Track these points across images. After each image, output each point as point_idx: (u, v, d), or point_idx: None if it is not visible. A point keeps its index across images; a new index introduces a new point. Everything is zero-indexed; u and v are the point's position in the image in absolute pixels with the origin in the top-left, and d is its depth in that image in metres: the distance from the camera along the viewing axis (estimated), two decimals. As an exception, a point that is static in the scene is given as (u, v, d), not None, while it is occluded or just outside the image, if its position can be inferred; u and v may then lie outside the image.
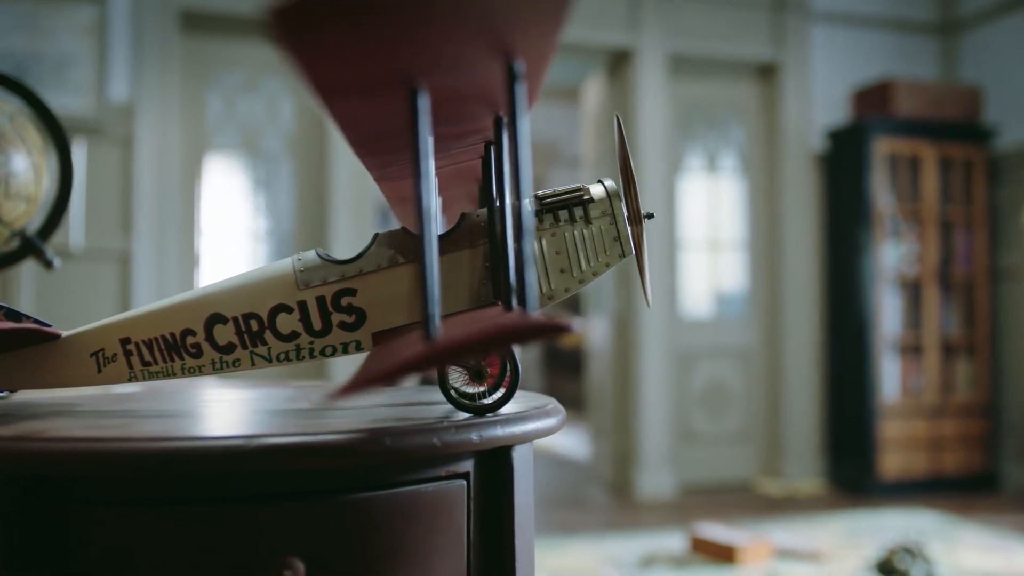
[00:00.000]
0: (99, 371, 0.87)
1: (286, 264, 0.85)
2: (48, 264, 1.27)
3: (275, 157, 4.62)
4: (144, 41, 4.28)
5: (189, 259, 4.41)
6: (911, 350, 5.03)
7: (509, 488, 0.73)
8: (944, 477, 4.93)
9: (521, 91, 0.56)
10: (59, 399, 0.99)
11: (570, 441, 7.08)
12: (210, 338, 0.84)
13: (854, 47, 5.45)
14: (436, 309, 0.59)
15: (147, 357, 0.86)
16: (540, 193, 0.87)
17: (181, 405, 0.94)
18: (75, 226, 4.12)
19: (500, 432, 0.70)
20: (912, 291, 5.06)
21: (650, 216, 0.89)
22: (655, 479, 4.94)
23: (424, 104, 0.56)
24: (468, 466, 0.73)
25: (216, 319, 0.83)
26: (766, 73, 5.37)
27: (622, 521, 4.33)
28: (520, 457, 0.74)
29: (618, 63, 5.18)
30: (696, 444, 5.20)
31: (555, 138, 10.16)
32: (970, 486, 4.96)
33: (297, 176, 4.62)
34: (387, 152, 0.71)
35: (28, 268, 3.89)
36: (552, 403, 0.83)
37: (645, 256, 0.88)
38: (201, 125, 4.49)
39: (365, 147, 0.70)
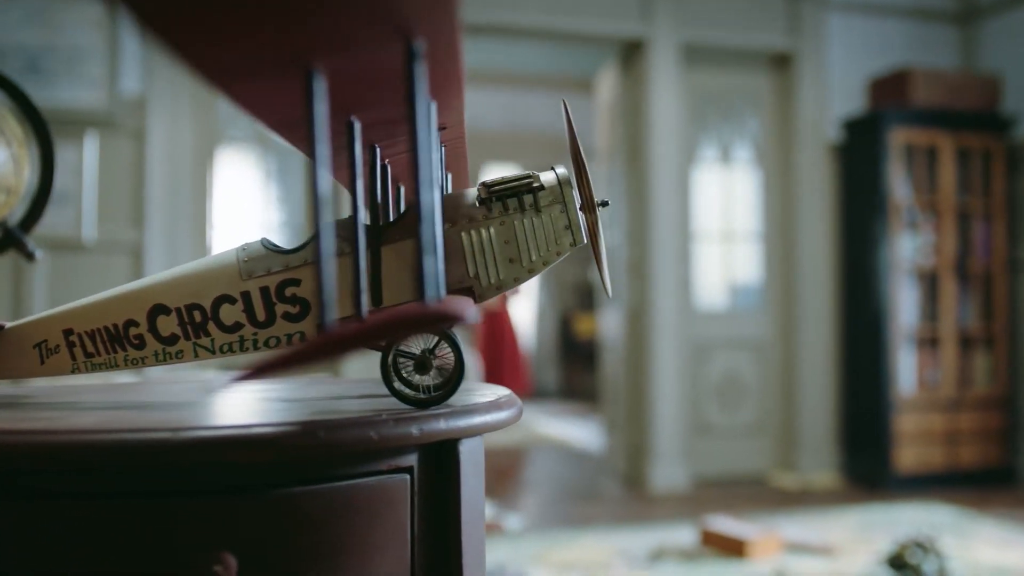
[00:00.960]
0: (42, 363, 0.86)
1: (230, 254, 0.83)
2: (30, 256, 1.27)
3: (287, 149, 4.62)
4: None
5: (201, 251, 4.43)
6: (928, 342, 4.98)
7: (456, 483, 0.71)
8: (960, 471, 4.87)
9: (420, 71, 0.55)
10: (14, 392, 0.98)
11: (585, 433, 7.07)
12: (153, 329, 0.83)
13: (871, 36, 5.39)
14: (332, 298, 0.57)
15: (90, 348, 0.85)
16: (488, 181, 0.85)
17: (133, 397, 0.93)
18: (87, 219, 4.14)
19: (443, 426, 0.68)
20: (929, 283, 5.00)
21: (604, 204, 0.87)
22: (668, 472, 4.92)
23: (320, 87, 0.54)
24: (412, 460, 0.71)
25: (159, 310, 0.82)
26: (781, 63, 5.31)
27: (634, 514, 4.31)
28: (468, 451, 0.72)
29: (631, 53, 5.14)
30: (710, 437, 5.17)
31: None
32: (987, 480, 4.90)
33: (308, 167, 4.62)
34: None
35: (42, 261, 3.91)
36: (507, 396, 0.82)
37: (601, 245, 0.86)
38: (213, 117, 4.49)
39: (290, 133, 0.68)
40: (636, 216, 5.08)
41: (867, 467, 4.96)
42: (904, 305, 4.92)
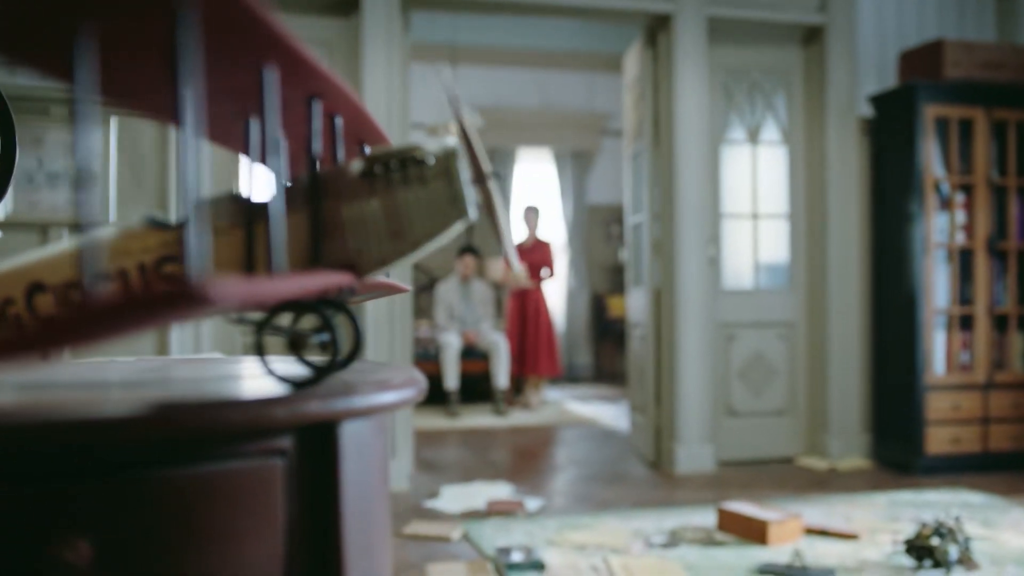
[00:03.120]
0: None
1: (111, 230, 0.80)
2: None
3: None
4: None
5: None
6: (960, 323, 4.85)
7: (334, 468, 0.68)
8: (992, 455, 4.76)
9: (186, 40, 0.51)
10: None
11: (615, 415, 7.02)
12: (30, 308, 0.79)
13: (904, 8, 5.24)
14: (99, 274, 0.54)
15: None
16: (372, 152, 0.81)
17: (21, 378, 0.89)
18: (111, 202, 4.17)
19: (316, 407, 0.65)
20: (962, 262, 4.87)
21: (496, 176, 0.83)
22: (694, 454, 4.87)
23: (84, 54, 0.50)
24: (287, 443, 0.68)
25: (36, 288, 0.79)
26: (810, 37, 5.19)
27: (656, 497, 4.27)
28: (353, 435, 0.69)
29: (657, 29, 5.05)
30: (736, 419, 5.10)
31: (604, 110, 10.04)
32: (1020, 464, 4.78)
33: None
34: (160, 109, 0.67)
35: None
36: (406, 376, 0.78)
37: (499, 217, 0.82)
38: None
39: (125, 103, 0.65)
40: (661, 195, 5.01)
41: (897, 450, 4.86)
42: (936, 284, 4.80)
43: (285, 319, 0.73)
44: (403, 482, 4.50)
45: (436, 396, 7.63)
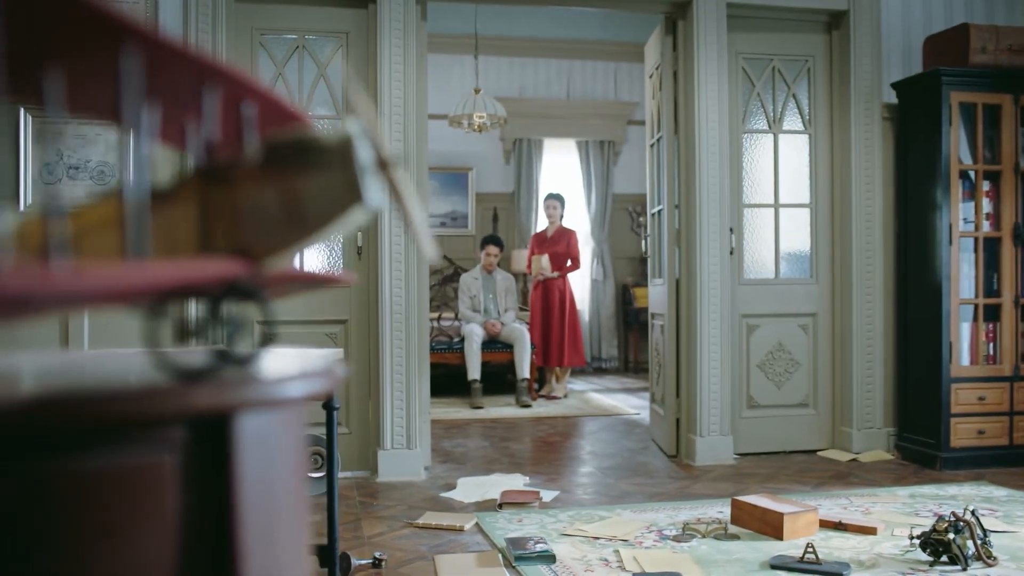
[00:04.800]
0: None
1: None
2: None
3: (325, 124, 4.61)
4: (192, 5, 4.31)
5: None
6: (986, 313, 4.76)
7: (228, 464, 0.65)
8: (1018, 448, 4.66)
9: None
10: None
11: (639, 407, 6.98)
12: None
13: (930, -8, 5.14)
14: None
15: None
16: (268, 140, 0.79)
17: None
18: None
19: (207, 398, 0.62)
20: (988, 251, 4.78)
21: (397, 161, 0.80)
22: (714, 446, 4.82)
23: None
24: (178, 436, 0.65)
25: None
26: (834, 22, 5.11)
27: (674, 489, 4.23)
28: (253, 426, 0.66)
29: (677, 17, 4.99)
30: (758, 411, 5.04)
31: (630, 100, 9.97)
32: (1047, 458, 4.69)
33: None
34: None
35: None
36: (318, 367, 0.75)
37: (408, 203, 0.79)
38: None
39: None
40: (681, 184, 4.96)
41: (920, 443, 4.78)
42: (962, 274, 4.71)
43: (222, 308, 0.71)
44: (419, 473, 4.50)
45: (460, 387, 7.63)
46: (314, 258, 4.57)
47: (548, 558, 3.07)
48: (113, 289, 0.49)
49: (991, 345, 4.73)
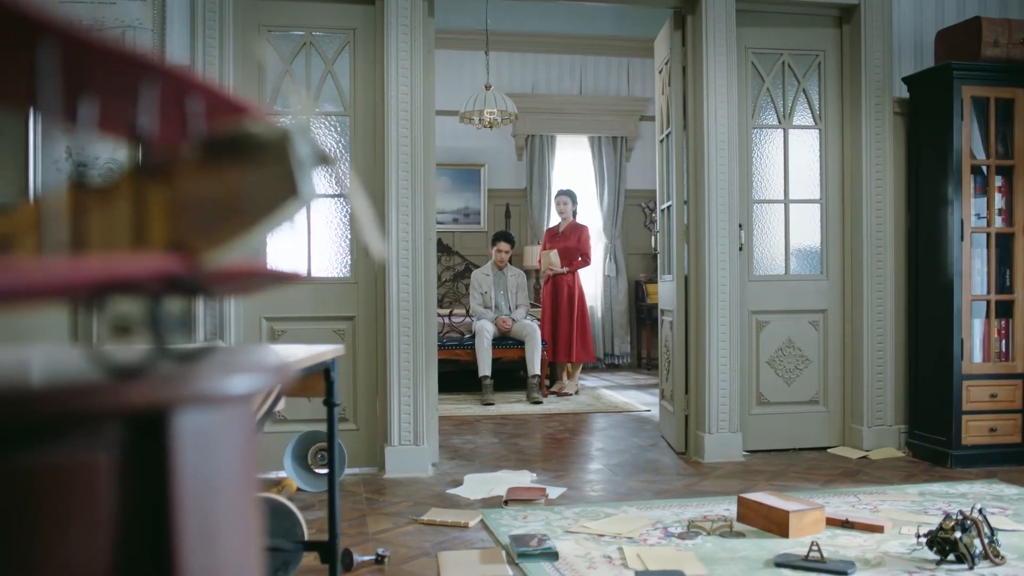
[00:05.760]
0: None
1: None
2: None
3: (332, 120, 4.61)
4: (199, 1, 4.32)
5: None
6: (998, 310, 4.71)
7: (166, 458, 0.64)
8: (1030, 446, 4.62)
9: None
10: None
11: (649, 403, 6.96)
12: None
13: (942, -14, 5.09)
14: None
15: None
16: (206, 134, 0.78)
17: None
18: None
19: (140, 395, 0.61)
20: (1000, 247, 4.73)
21: (331, 161, 0.79)
22: (723, 443, 4.80)
23: None
24: (112, 433, 0.64)
25: None
26: (845, 16, 5.07)
27: (682, 486, 4.22)
28: (193, 423, 0.65)
29: (685, 11, 4.96)
30: (767, 408, 5.02)
31: (643, 96, 9.94)
32: (1059, 456, 4.64)
33: (353, 138, 4.61)
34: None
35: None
36: (265, 364, 0.74)
37: (355, 200, 0.79)
38: (260, 89, 4.51)
39: None
40: (690, 180, 4.93)
41: (932, 441, 4.74)
42: (975, 270, 4.67)
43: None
44: (427, 470, 4.50)
45: (471, 383, 7.63)
46: (322, 255, 4.58)
47: (551, 555, 3.06)
48: (37, 285, 0.49)
49: (1003, 342, 4.69)
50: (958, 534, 2.91)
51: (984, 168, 4.69)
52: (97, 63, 0.66)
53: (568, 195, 7.89)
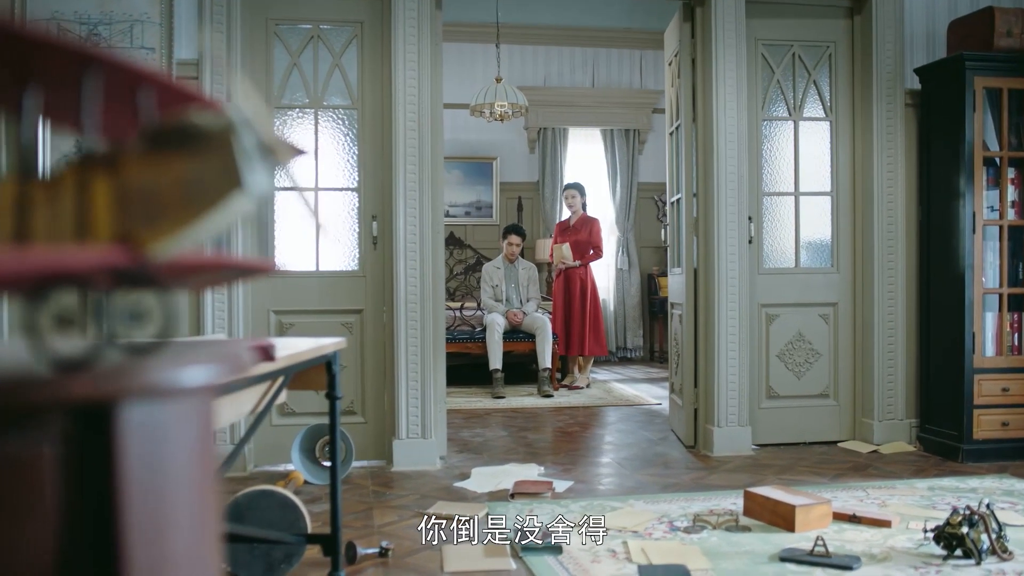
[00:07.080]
0: None
1: None
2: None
3: (340, 113, 4.60)
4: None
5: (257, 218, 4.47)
6: (1011, 303, 4.67)
7: (112, 452, 0.63)
8: (1042, 440, 4.58)
9: None
10: None
11: (660, 397, 6.94)
12: None
13: (955, -24, 5.03)
14: None
15: None
16: (154, 125, 0.77)
17: None
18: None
19: (82, 388, 0.60)
20: (1013, 240, 4.68)
21: (281, 152, 0.78)
22: (732, 437, 4.78)
23: None
24: (56, 426, 0.63)
25: None
26: (856, 7, 5.02)
27: (690, 480, 4.20)
28: (141, 416, 0.64)
29: (694, 2, 4.93)
30: (777, 401, 4.99)
31: (655, 88, 9.90)
32: (1072, 450, 4.59)
33: (360, 131, 4.60)
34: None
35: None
36: (219, 356, 0.74)
37: (301, 192, 0.78)
38: (267, 85, 4.51)
39: None
40: (699, 173, 4.90)
41: (943, 435, 4.71)
42: (987, 263, 4.63)
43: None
44: (435, 463, 4.50)
45: (482, 377, 7.63)
46: (330, 250, 4.58)
47: (555, 549, 3.06)
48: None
49: (1016, 336, 4.64)
50: (965, 529, 2.88)
51: (997, 160, 4.64)
52: (39, 55, 0.65)
53: (576, 188, 7.86)
